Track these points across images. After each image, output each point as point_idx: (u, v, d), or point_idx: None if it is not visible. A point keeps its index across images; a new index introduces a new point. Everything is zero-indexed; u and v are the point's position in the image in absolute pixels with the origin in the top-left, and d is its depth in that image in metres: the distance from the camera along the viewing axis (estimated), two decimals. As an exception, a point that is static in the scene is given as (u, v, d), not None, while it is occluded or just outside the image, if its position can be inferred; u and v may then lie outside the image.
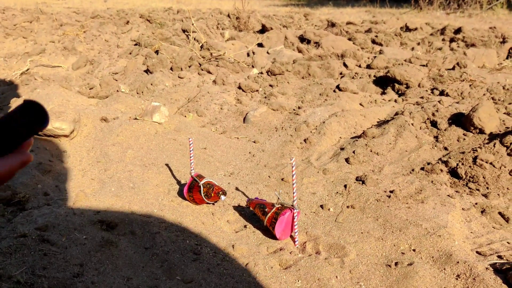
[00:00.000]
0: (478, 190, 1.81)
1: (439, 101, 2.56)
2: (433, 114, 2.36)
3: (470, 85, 2.82)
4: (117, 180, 1.95)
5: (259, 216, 1.59)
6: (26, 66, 3.87)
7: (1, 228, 1.48)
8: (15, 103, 3.13)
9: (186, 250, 1.49)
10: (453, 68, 3.35)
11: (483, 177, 1.82)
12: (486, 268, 1.32)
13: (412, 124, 2.28)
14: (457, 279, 1.30)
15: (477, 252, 1.46)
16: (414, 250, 1.45)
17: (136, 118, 2.43)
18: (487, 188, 1.80)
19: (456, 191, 1.82)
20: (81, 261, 1.33)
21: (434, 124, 2.31)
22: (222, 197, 1.71)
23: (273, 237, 1.56)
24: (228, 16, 6.54)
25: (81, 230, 1.54)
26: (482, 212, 1.68)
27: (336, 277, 1.35)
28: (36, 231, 1.41)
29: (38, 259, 1.27)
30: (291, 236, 1.57)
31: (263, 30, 5.37)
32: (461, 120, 2.25)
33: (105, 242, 1.46)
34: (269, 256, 1.47)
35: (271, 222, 1.53)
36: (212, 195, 1.71)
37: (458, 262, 1.34)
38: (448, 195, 1.75)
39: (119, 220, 1.61)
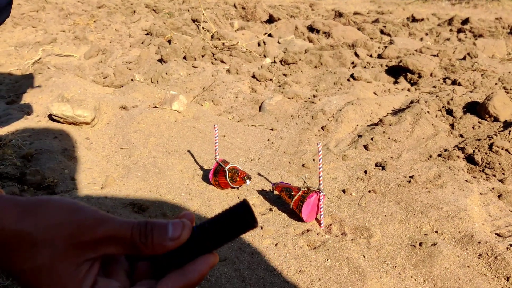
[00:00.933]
0: (494, 175, 1.87)
1: (452, 90, 2.60)
2: (448, 103, 2.40)
3: (482, 75, 2.86)
4: (142, 166, 2.01)
5: (285, 200, 1.65)
6: (38, 55, 3.89)
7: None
8: (31, 91, 3.17)
9: (216, 231, 1.55)
10: (464, 58, 3.39)
11: (499, 163, 1.88)
12: (507, 248, 1.38)
13: (428, 112, 2.33)
14: (479, 258, 1.36)
15: (496, 233, 1.52)
16: (436, 231, 1.51)
17: (155, 107, 2.48)
18: (503, 173, 1.86)
19: (473, 177, 1.88)
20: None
21: (449, 112, 2.36)
22: (248, 181, 1.76)
23: (299, 219, 1.62)
24: (234, 6, 6.53)
25: (114, 212, 1.59)
26: (499, 196, 1.74)
27: (364, 256, 1.41)
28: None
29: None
30: (317, 219, 1.63)
31: (271, 20, 5.38)
32: (476, 109, 2.30)
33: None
34: (297, 237, 1.53)
35: (297, 205, 1.59)
36: (237, 179, 1.76)
37: (479, 243, 1.41)
38: (466, 180, 1.81)
39: (149, 203, 1.67)
